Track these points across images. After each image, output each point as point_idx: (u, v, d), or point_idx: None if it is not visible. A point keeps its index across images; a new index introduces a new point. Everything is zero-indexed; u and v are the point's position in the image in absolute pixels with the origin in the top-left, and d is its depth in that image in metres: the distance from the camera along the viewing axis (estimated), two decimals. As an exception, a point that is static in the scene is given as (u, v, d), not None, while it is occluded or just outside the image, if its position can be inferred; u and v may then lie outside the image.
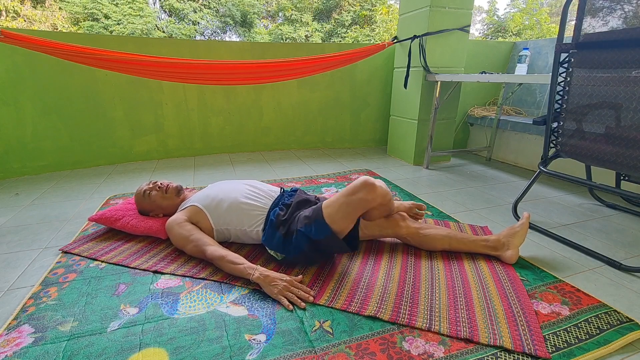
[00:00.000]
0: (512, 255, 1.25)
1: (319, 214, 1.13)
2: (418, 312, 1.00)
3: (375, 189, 1.10)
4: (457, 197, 2.00)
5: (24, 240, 1.47)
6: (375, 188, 1.10)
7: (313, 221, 1.13)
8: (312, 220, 1.14)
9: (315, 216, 1.14)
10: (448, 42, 2.48)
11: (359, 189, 1.10)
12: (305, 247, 1.16)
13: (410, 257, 1.31)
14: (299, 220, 1.18)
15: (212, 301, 1.05)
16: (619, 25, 1.32)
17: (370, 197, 1.09)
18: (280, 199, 1.35)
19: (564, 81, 1.48)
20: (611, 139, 1.34)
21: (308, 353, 0.86)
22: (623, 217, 1.72)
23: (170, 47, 2.64)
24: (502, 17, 14.71)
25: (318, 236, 1.12)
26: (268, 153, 3.06)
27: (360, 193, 1.10)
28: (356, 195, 1.10)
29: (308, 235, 1.14)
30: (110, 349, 0.87)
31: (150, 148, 2.78)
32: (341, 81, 3.11)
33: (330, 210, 1.12)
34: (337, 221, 1.12)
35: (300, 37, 14.69)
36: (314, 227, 1.12)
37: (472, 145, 3.25)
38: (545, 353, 0.85)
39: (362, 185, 1.10)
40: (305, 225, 1.15)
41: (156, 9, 14.13)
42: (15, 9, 11.51)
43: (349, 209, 1.11)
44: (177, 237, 1.28)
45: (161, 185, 1.47)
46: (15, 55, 2.19)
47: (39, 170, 2.42)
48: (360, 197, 1.10)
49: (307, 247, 1.15)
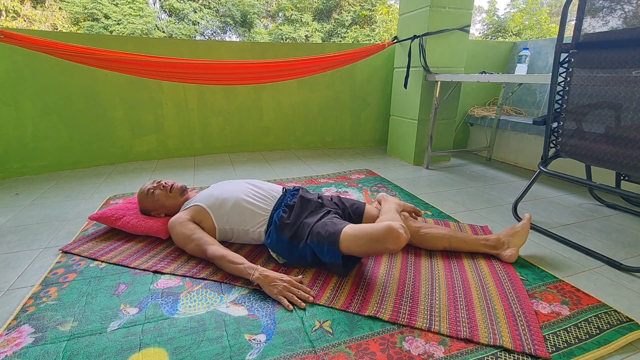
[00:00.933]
0: (512, 254, 1.25)
1: (335, 241, 1.09)
2: (418, 312, 1.00)
3: (400, 242, 1.05)
4: (457, 197, 2.00)
5: (24, 240, 1.47)
6: (401, 241, 1.05)
7: (327, 244, 1.10)
8: (327, 243, 1.11)
9: (332, 241, 1.10)
10: (448, 42, 2.48)
11: (387, 240, 1.05)
12: (309, 258, 1.17)
13: (410, 257, 1.31)
14: (312, 232, 1.16)
15: (212, 301, 1.05)
16: (619, 25, 1.32)
17: (393, 247, 1.06)
18: (283, 200, 1.35)
19: (564, 81, 1.48)
20: (611, 139, 1.34)
21: (308, 353, 0.86)
22: (623, 217, 1.72)
23: (170, 47, 2.64)
24: (502, 17, 14.72)
25: (327, 259, 1.13)
26: (268, 153, 3.06)
27: (387, 243, 1.05)
28: (381, 244, 1.06)
29: (317, 253, 1.15)
30: (110, 349, 0.87)
31: (150, 148, 2.78)
32: (341, 81, 3.11)
33: (349, 244, 1.08)
34: (350, 253, 1.11)
35: (300, 37, 14.69)
36: (327, 251, 1.11)
37: (472, 145, 3.25)
38: (545, 353, 0.85)
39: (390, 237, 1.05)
40: (318, 244, 1.13)
41: (156, 9, 14.13)
42: (15, 9, 11.52)
43: (368, 251, 1.10)
44: (178, 235, 1.28)
45: (165, 184, 1.47)
46: (15, 55, 2.19)
47: (39, 170, 2.42)
48: (385, 247, 1.06)
49: (311, 259, 1.17)
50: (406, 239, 1.06)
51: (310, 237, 1.16)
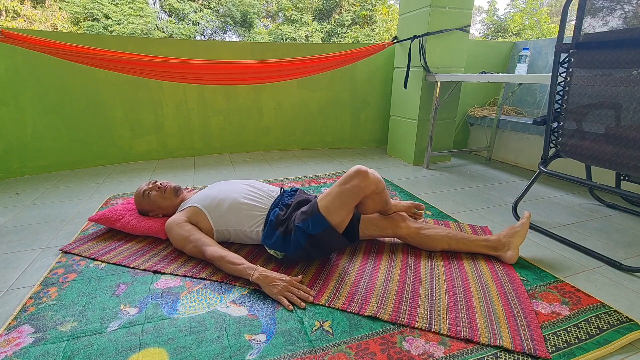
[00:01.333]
0: (513, 255, 1.25)
1: (314, 208, 1.14)
2: (418, 312, 1.00)
3: (368, 176, 1.11)
4: (457, 197, 2.00)
5: (24, 240, 1.47)
6: (368, 175, 1.12)
7: (310, 215, 1.14)
8: (309, 215, 1.14)
9: (312, 210, 1.14)
10: (448, 42, 2.48)
11: (352, 177, 1.12)
12: (304, 243, 1.15)
13: (410, 257, 1.31)
14: (297, 216, 1.19)
15: (212, 301, 1.05)
16: (619, 25, 1.32)
17: (363, 184, 1.11)
18: (280, 199, 1.35)
19: (564, 81, 1.48)
20: (611, 139, 1.34)
21: (308, 353, 0.86)
22: (623, 217, 1.72)
23: (170, 47, 2.64)
24: (502, 17, 14.72)
25: (316, 230, 1.12)
26: (268, 153, 3.06)
27: (353, 181, 1.11)
28: (350, 183, 1.11)
29: (306, 230, 1.13)
30: (110, 349, 0.87)
31: (150, 148, 2.78)
32: (341, 81, 3.11)
33: (325, 202, 1.13)
34: (333, 212, 1.12)
35: (300, 37, 14.68)
36: (311, 222, 1.13)
37: (472, 145, 3.25)
38: (545, 353, 0.85)
39: (355, 173, 1.12)
40: (303, 221, 1.15)
41: (156, 9, 14.13)
42: (15, 9, 11.52)
43: (344, 199, 1.12)
44: (176, 237, 1.28)
45: (160, 185, 1.47)
46: (15, 55, 2.19)
47: (39, 170, 2.42)
48: (354, 185, 1.11)
49: (306, 242, 1.14)
50: (373, 174, 1.12)
51: (296, 220, 1.17)
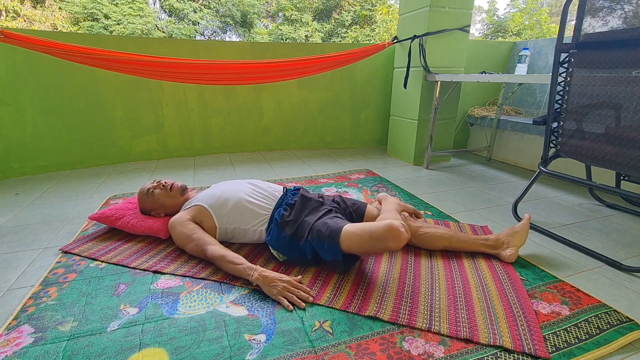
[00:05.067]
0: (512, 254, 1.25)
1: (336, 239, 1.09)
2: (418, 312, 1.00)
3: (401, 241, 1.05)
4: (457, 197, 2.00)
5: (24, 240, 1.47)
6: (401, 240, 1.05)
7: (327, 241, 1.11)
8: (327, 240, 1.11)
9: (332, 239, 1.10)
10: (448, 42, 2.48)
11: (387, 238, 1.05)
12: (309, 256, 1.18)
13: (410, 257, 1.31)
14: (313, 230, 1.16)
15: (212, 301, 1.05)
16: (619, 25, 1.32)
17: (394, 245, 1.06)
18: (284, 199, 1.35)
19: (564, 81, 1.48)
20: (611, 139, 1.34)
21: (308, 353, 0.86)
22: (623, 217, 1.72)
23: (170, 47, 2.64)
24: (502, 17, 14.72)
25: (326, 256, 1.13)
26: (268, 153, 3.06)
27: (388, 242, 1.05)
28: (382, 242, 1.06)
29: (317, 250, 1.15)
30: (110, 349, 0.87)
31: (150, 148, 2.78)
32: (341, 81, 3.11)
33: (349, 243, 1.09)
34: (350, 251, 1.11)
35: (300, 37, 14.68)
36: (327, 248, 1.11)
37: (472, 145, 3.25)
38: (545, 353, 0.85)
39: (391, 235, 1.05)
40: (319, 241, 1.13)
41: (156, 9, 14.13)
42: (15, 9, 11.52)
43: (368, 250, 1.13)
44: (179, 235, 1.29)
45: (165, 184, 1.47)
46: (15, 55, 2.18)
47: (39, 170, 2.42)
48: (386, 246, 1.07)
49: (311, 257, 1.18)
50: (407, 237, 1.06)
51: (311, 235, 1.16)
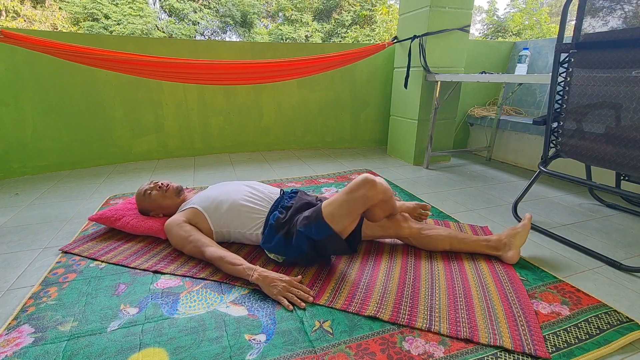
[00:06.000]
0: (513, 255, 1.25)
1: (319, 214, 1.12)
2: (418, 312, 1.00)
3: (376, 186, 1.10)
4: (457, 197, 2.00)
5: (24, 240, 1.47)
6: (376, 184, 1.10)
7: (313, 221, 1.12)
8: (312, 220, 1.13)
9: (316, 216, 1.12)
10: (448, 42, 2.48)
11: (360, 186, 1.10)
12: (306, 247, 1.15)
13: (410, 258, 1.31)
14: (299, 221, 1.17)
15: (212, 301, 1.05)
16: (619, 25, 1.32)
17: (371, 193, 1.09)
18: (280, 202, 1.34)
19: (564, 81, 1.48)
20: (611, 139, 1.34)
21: (308, 353, 0.86)
22: (623, 217, 1.72)
23: (170, 47, 2.64)
24: (502, 17, 14.72)
25: (319, 236, 1.11)
26: (268, 153, 3.06)
27: (361, 190, 1.09)
28: (357, 192, 1.09)
29: (308, 236, 1.13)
30: (110, 349, 0.87)
31: (150, 148, 2.78)
32: (341, 81, 3.11)
33: (331, 209, 1.11)
34: (337, 220, 1.10)
35: (300, 37, 14.68)
36: (314, 227, 1.11)
37: (472, 145, 3.25)
38: (545, 353, 0.85)
39: (362, 182, 1.10)
40: (305, 226, 1.13)
41: (156, 9, 14.13)
42: (15, 9, 11.52)
43: (350, 207, 1.11)
44: (175, 238, 1.28)
45: (162, 185, 1.47)
46: (15, 55, 2.18)
47: (39, 170, 2.42)
48: (362, 194, 1.09)
49: (308, 247, 1.15)
50: (381, 183, 1.11)
51: (299, 224, 1.16)
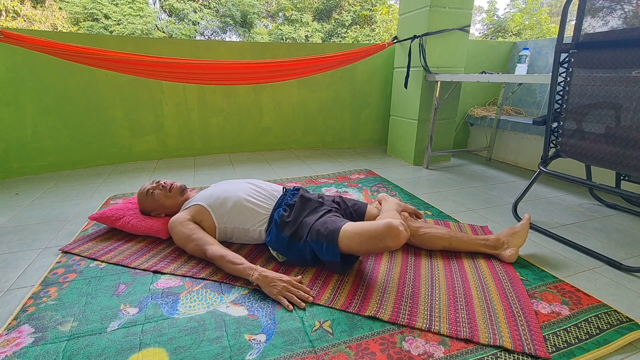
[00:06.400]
0: (512, 254, 1.25)
1: (334, 239, 1.09)
2: (418, 312, 1.00)
3: (400, 239, 1.05)
4: (457, 197, 2.00)
5: (24, 240, 1.47)
6: (400, 238, 1.05)
7: (326, 242, 1.11)
8: (325, 240, 1.11)
9: (331, 239, 1.10)
10: (448, 42, 2.48)
11: (386, 236, 1.05)
12: (308, 256, 1.18)
13: (410, 257, 1.31)
14: (312, 231, 1.16)
15: (212, 301, 1.05)
16: (619, 25, 1.32)
17: (393, 244, 1.06)
18: (283, 199, 1.35)
19: (564, 81, 1.48)
20: (611, 139, 1.34)
21: (308, 353, 0.86)
22: (623, 217, 1.72)
23: (170, 47, 2.64)
24: (502, 17, 14.72)
25: (325, 257, 1.13)
26: (268, 153, 3.06)
27: (387, 241, 1.05)
28: (381, 241, 1.06)
29: (315, 251, 1.15)
30: (110, 349, 0.87)
31: (150, 148, 2.78)
32: (341, 81, 3.11)
33: (349, 243, 1.09)
34: (349, 251, 1.11)
35: (300, 37, 14.68)
36: (325, 248, 1.11)
37: (472, 145, 3.25)
38: (545, 353, 0.85)
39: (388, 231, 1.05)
40: (317, 242, 1.13)
41: (156, 9, 14.13)
42: (15, 9, 11.52)
43: (368, 249, 1.10)
44: (179, 235, 1.28)
45: (165, 184, 1.47)
46: (15, 55, 2.18)
47: (39, 170, 2.42)
48: (384, 245, 1.06)
49: (310, 257, 1.17)
50: (406, 236, 1.06)
51: (310, 236, 1.16)
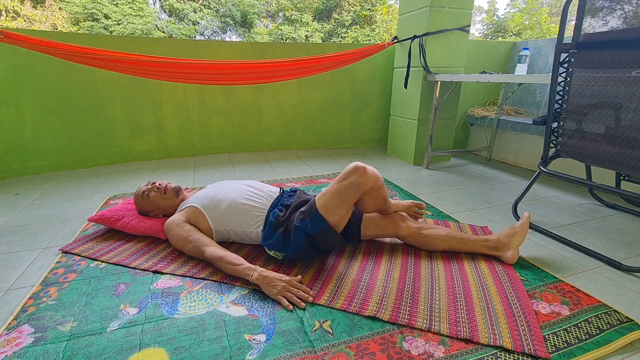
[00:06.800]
0: (513, 255, 1.25)
1: (312, 207, 1.14)
2: (418, 312, 1.00)
3: (366, 172, 1.11)
4: (457, 197, 2.00)
5: (24, 240, 1.47)
6: (366, 171, 1.11)
7: (308, 215, 1.14)
8: (307, 214, 1.14)
9: (310, 210, 1.14)
10: (448, 42, 2.48)
11: (350, 173, 1.11)
12: (303, 243, 1.15)
13: (410, 257, 1.31)
14: (295, 216, 1.19)
15: (212, 301, 1.05)
16: (619, 25, 1.32)
17: (361, 179, 1.10)
18: (280, 200, 1.34)
19: (564, 81, 1.48)
20: (611, 139, 1.34)
21: (308, 353, 0.86)
22: (623, 217, 1.72)
23: (170, 47, 2.64)
24: (502, 17, 14.72)
25: (314, 230, 1.12)
26: (268, 153, 3.06)
27: (351, 177, 1.11)
28: (347, 179, 1.11)
29: (305, 230, 1.14)
30: (110, 349, 0.87)
31: (150, 148, 2.78)
32: (341, 81, 3.11)
33: (323, 200, 1.13)
34: (331, 211, 1.12)
35: (300, 37, 14.68)
36: (310, 221, 1.13)
37: (472, 145, 3.25)
38: (545, 353, 0.85)
39: (352, 169, 1.11)
40: (301, 220, 1.15)
41: (156, 9, 14.13)
42: (15, 9, 11.51)
43: (342, 196, 1.12)
44: (175, 237, 1.28)
45: (159, 186, 1.46)
46: (15, 55, 2.19)
47: (39, 170, 2.42)
48: (352, 181, 1.10)
49: (305, 243, 1.15)
50: (372, 170, 1.11)
51: (295, 220, 1.17)
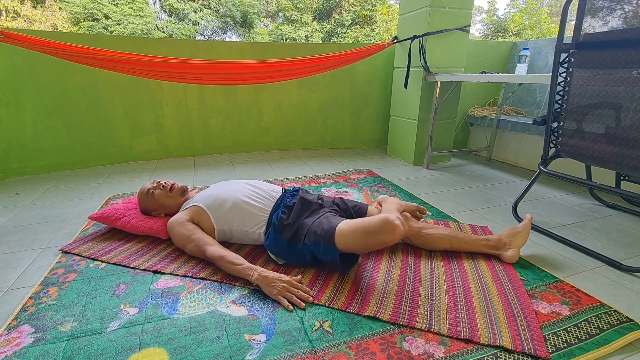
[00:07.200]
0: (513, 254, 1.25)
1: (331, 238, 1.09)
2: (418, 312, 1.00)
3: (396, 233, 1.04)
4: (457, 197, 2.00)
5: (24, 240, 1.47)
6: (396, 232, 1.04)
7: (323, 241, 1.11)
8: (322, 240, 1.11)
9: (327, 239, 1.10)
10: (448, 42, 2.48)
11: (382, 231, 1.04)
12: (308, 258, 1.18)
13: (410, 257, 1.31)
14: (309, 232, 1.16)
15: (212, 301, 1.05)
16: (619, 25, 1.32)
17: (389, 239, 1.05)
18: (282, 200, 1.34)
19: (564, 81, 1.48)
20: (611, 139, 1.34)
21: (308, 353, 0.86)
22: (623, 217, 1.72)
23: (170, 47, 2.64)
24: (502, 17, 14.72)
25: (325, 257, 1.13)
26: (268, 153, 3.06)
27: (383, 236, 1.04)
28: (378, 237, 1.05)
29: (314, 252, 1.15)
30: (110, 349, 0.87)
31: (150, 148, 2.78)
32: (341, 81, 3.11)
33: (345, 240, 1.08)
34: (348, 249, 1.10)
35: (300, 37, 14.68)
36: (323, 249, 1.11)
37: (472, 145, 3.25)
38: (545, 353, 0.85)
39: (384, 226, 1.04)
40: (314, 243, 1.13)
41: (156, 9, 14.13)
42: (15, 9, 11.52)
43: (365, 245, 1.09)
44: (178, 236, 1.29)
45: (165, 184, 1.47)
46: (15, 55, 2.18)
47: (39, 170, 2.42)
48: (381, 241, 1.06)
49: (310, 258, 1.18)
50: (402, 230, 1.05)
51: (307, 237, 1.16)
